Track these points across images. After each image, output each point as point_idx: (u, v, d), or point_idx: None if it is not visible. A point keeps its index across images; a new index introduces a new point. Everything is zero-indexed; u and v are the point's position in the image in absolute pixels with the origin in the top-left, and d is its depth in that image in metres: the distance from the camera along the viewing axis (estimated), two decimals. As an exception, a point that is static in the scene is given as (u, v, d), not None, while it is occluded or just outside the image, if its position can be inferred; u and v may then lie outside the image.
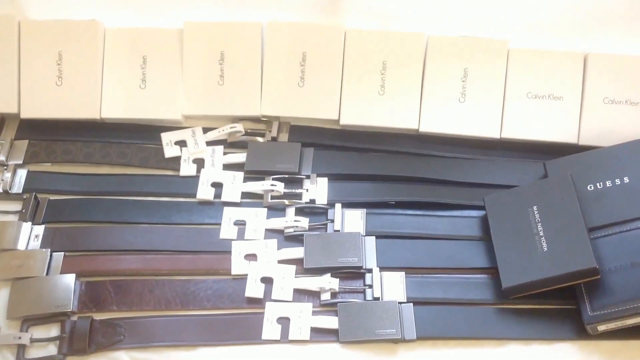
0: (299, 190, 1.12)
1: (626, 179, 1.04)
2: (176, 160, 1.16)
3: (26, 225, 1.08)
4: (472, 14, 1.18)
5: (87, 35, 1.18)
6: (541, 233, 1.01)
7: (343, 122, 1.18)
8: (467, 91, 1.16)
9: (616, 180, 1.05)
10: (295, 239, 1.08)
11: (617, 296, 0.96)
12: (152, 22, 1.21)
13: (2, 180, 1.12)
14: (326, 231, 1.09)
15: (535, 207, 1.03)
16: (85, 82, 1.18)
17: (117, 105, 1.18)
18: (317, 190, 1.12)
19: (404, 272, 1.04)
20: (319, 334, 0.99)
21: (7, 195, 1.12)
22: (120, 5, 1.21)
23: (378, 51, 1.18)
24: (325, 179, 1.14)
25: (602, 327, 0.96)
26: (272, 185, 1.12)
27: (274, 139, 1.18)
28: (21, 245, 1.06)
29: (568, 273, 0.97)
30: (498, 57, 1.16)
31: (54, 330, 1.00)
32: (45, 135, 1.18)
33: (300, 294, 1.03)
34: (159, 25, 1.20)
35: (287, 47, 1.19)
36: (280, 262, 1.06)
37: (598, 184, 1.05)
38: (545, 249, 0.99)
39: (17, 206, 1.11)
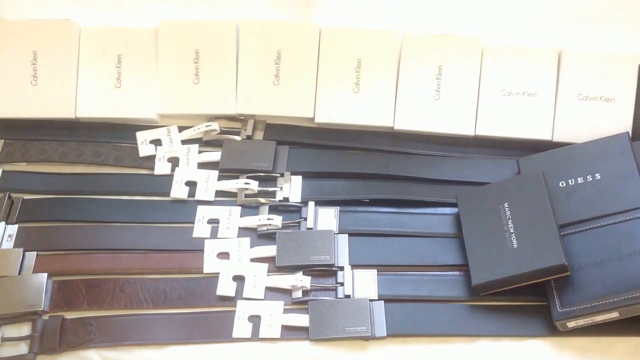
0: (273, 189, 1.12)
1: (598, 176, 1.04)
2: (151, 159, 1.16)
3: (-1, 225, 1.08)
4: (447, 12, 1.18)
5: (62, 34, 1.19)
6: (511, 230, 1.01)
7: (318, 120, 1.18)
8: (441, 88, 1.16)
9: (588, 177, 1.05)
10: (268, 237, 1.08)
11: (587, 293, 0.96)
12: (127, 21, 1.21)
13: (-23, 180, 1.13)
14: (299, 229, 1.09)
15: (506, 204, 1.03)
16: (60, 82, 1.18)
17: (93, 104, 1.18)
18: (290, 188, 1.12)
19: (376, 270, 1.04)
20: (290, 332, 0.99)
21: (-20, 195, 1.12)
22: (95, 4, 1.21)
23: (353, 49, 1.18)
24: (300, 177, 1.14)
25: (571, 324, 0.96)
26: (246, 183, 1.12)
27: (249, 138, 1.18)
28: (-6, 245, 1.06)
29: (537, 270, 0.97)
30: (472, 55, 1.16)
31: (25, 329, 1.00)
32: (20, 135, 1.18)
33: (272, 292, 1.03)
34: (134, 24, 1.20)
35: (262, 45, 1.19)
36: (252, 260, 1.06)
37: (570, 181, 1.05)
38: (515, 245, 0.99)
39: (-9, 206, 1.11)
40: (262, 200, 1.11)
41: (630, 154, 1.04)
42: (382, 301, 1.01)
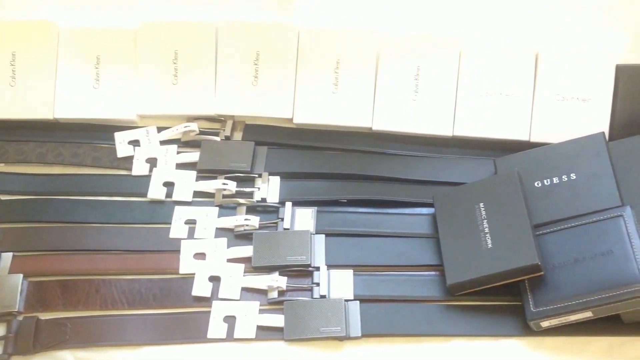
0: (251, 189, 1.12)
1: (573, 176, 1.05)
2: (129, 159, 1.16)
3: (-24, 226, 1.08)
4: (425, 13, 1.18)
5: (40, 35, 1.19)
6: (486, 230, 1.01)
7: (297, 120, 1.18)
8: (419, 89, 1.17)
9: (563, 177, 1.05)
10: (245, 237, 1.08)
11: (560, 293, 0.96)
12: (106, 22, 1.21)
13: (-46, 180, 1.13)
14: (277, 230, 1.09)
15: (482, 204, 1.04)
16: (38, 83, 1.18)
17: (71, 105, 1.18)
18: (268, 188, 1.12)
19: (352, 270, 1.04)
20: (265, 332, 0.99)
21: (-42, 195, 1.12)
22: (74, 5, 1.21)
23: (331, 50, 1.18)
24: (278, 178, 1.14)
25: (545, 324, 0.96)
26: (223, 184, 1.12)
27: (227, 138, 1.18)
28: (-30, 246, 1.06)
29: (511, 269, 0.97)
30: (450, 55, 1.17)
31: (0, 330, 1.00)
32: (-2, 136, 1.18)
33: (248, 293, 1.03)
34: (113, 25, 1.20)
35: (241, 46, 1.19)
36: (229, 260, 1.06)
37: (545, 181, 1.06)
38: (490, 245, 1.00)
39: (-32, 207, 1.11)
40: (240, 200, 1.11)
41: (606, 154, 1.05)
42: (358, 301, 1.01)
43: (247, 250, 1.06)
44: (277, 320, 1.00)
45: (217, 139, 1.18)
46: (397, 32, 1.18)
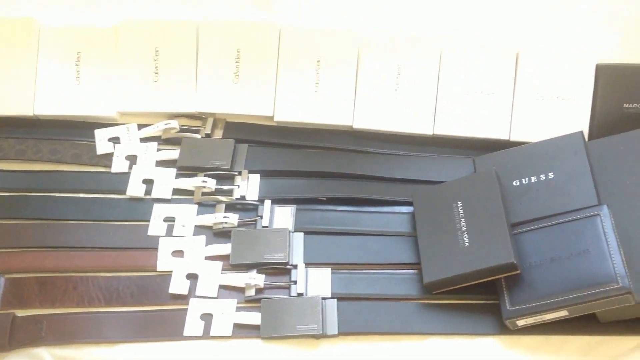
0: (230, 187, 1.12)
1: (551, 175, 1.05)
2: (109, 157, 1.16)
3: (-46, 223, 1.08)
4: (406, 12, 1.19)
5: (21, 32, 1.18)
6: (464, 228, 1.01)
7: (277, 118, 1.18)
8: (400, 88, 1.17)
9: (541, 176, 1.05)
10: (225, 235, 1.08)
11: (536, 291, 0.96)
12: (87, 19, 1.21)
13: None
14: (256, 227, 1.08)
15: (459, 203, 1.04)
16: (19, 79, 1.18)
17: (51, 102, 1.18)
18: (248, 186, 1.12)
19: (330, 268, 1.04)
20: (242, 330, 0.99)
21: (-63, 192, 1.12)
22: (55, 2, 1.21)
23: (312, 48, 1.18)
24: (257, 176, 1.14)
25: (521, 322, 0.96)
26: (203, 181, 1.12)
27: (208, 136, 1.18)
28: (-52, 243, 1.06)
29: (487, 268, 0.97)
30: (431, 54, 1.17)
31: (-24, 327, 1.00)
32: (-23, 133, 1.18)
33: (226, 290, 1.03)
34: (94, 22, 1.20)
35: (222, 44, 1.19)
36: (207, 258, 1.06)
37: (524, 180, 1.06)
38: (467, 244, 1.00)
39: (-54, 204, 1.10)
40: (220, 198, 1.11)
41: (584, 153, 1.05)
42: (335, 299, 1.01)
43: (225, 248, 1.06)
44: (253, 318, 1.00)
45: (198, 136, 1.18)
46: (378, 31, 1.18)
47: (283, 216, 1.09)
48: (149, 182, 1.13)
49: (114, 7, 1.21)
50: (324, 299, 1.01)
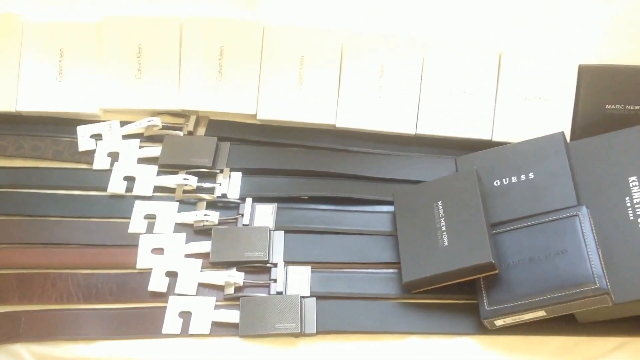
0: (211, 185, 1.12)
1: (531, 175, 1.05)
2: (90, 153, 1.16)
3: None
4: (389, 11, 1.18)
5: (4, 28, 1.18)
6: (443, 228, 1.01)
7: (260, 116, 1.18)
8: (383, 87, 1.17)
9: (522, 176, 1.05)
10: (205, 233, 1.08)
11: (514, 291, 0.96)
12: (71, 15, 1.20)
13: None
14: (236, 225, 1.08)
15: (440, 202, 1.04)
16: (1, 75, 1.17)
17: (34, 98, 1.18)
18: (229, 184, 1.12)
19: (310, 267, 1.04)
20: (220, 328, 0.99)
21: None
22: (39, -2, 1.21)
23: (296, 47, 1.18)
24: (239, 174, 1.13)
25: (499, 322, 0.96)
26: (184, 179, 1.12)
27: (190, 133, 1.18)
28: None
29: (465, 268, 0.97)
30: (414, 54, 1.17)
31: (-47, 324, 0.99)
32: (-42, 129, 1.17)
33: (205, 288, 1.03)
34: (77, 18, 1.20)
35: (206, 41, 1.19)
36: (187, 256, 1.06)
37: (504, 180, 1.06)
38: (446, 243, 1.00)
39: None
40: (201, 196, 1.11)
41: (564, 154, 1.05)
42: (314, 298, 1.01)
43: (205, 246, 1.06)
44: (232, 316, 1.00)
45: (180, 134, 1.17)
46: (361, 30, 1.18)
47: (264, 214, 1.09)
48: (130, 180, 1.13)
49: (98, 4, 1.20)
50: (303, 297, 1.01)
